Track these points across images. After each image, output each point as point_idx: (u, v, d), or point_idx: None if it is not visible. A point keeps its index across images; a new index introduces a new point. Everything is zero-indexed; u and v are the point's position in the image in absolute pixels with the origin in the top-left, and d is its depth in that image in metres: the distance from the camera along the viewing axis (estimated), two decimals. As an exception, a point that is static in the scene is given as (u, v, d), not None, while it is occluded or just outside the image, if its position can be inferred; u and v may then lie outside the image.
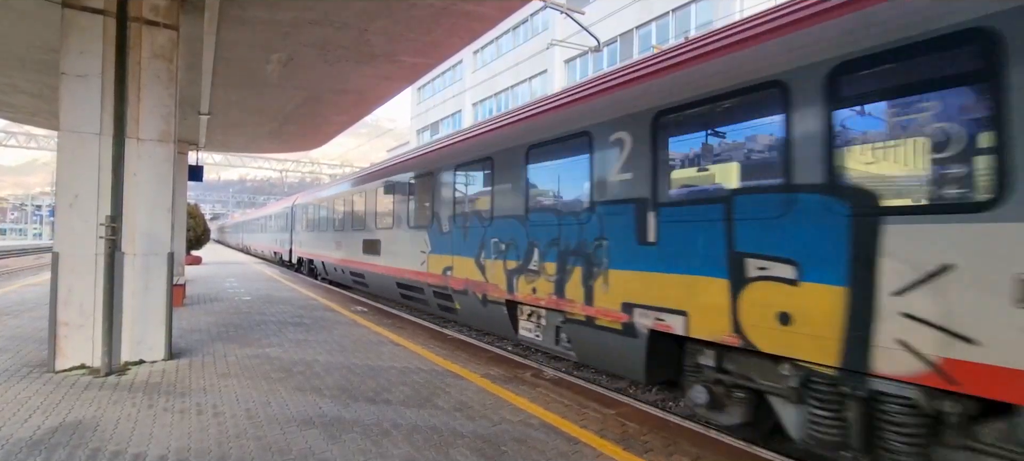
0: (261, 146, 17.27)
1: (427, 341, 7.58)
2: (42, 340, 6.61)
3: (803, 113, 3.74)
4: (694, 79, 4.61)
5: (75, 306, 5.41)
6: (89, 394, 4.73)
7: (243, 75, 8.97)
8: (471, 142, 8.11)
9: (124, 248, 5.62)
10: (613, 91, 5.51)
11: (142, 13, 5.72)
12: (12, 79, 9.28)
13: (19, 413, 4.19)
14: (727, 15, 20.82)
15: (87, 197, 5.44)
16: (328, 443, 3.76)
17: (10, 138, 33.45)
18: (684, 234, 4.53)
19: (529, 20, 34.12)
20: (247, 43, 7.56)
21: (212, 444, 3.69)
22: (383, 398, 4.83)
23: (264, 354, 6.43)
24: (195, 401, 4.61)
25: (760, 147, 4.35)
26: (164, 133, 5.86)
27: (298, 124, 12.81)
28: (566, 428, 4.20)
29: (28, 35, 7.31)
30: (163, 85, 5.85)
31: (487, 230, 7.35)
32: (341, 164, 52.14)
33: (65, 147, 5.40)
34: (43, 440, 3.68)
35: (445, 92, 45.01)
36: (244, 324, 8.53)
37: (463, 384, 5.37)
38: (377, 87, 9.67)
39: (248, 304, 10.98)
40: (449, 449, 3.71)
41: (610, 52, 26.88)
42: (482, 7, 6.56)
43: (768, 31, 4.15)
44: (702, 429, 4.28)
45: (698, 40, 5.00)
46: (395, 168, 11.43)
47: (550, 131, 6.26)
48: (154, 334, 5.86)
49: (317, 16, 6.68)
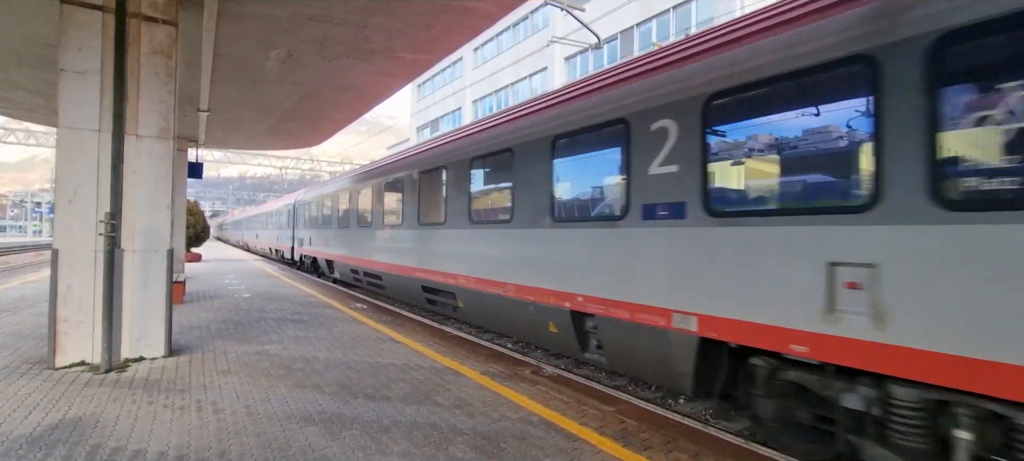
0: (260, 143, 17.25)
1: (426, 338, 7.58)
2: (42, 337, 6.62)
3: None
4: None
5: (74, 303, 5.41)
6: (89, 391, 4.73)
7: (242, 71, 8.95)
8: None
9: (123, 245, 5.61)
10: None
11: (141, 9, 5.70)
12: (11, 75, 9.26)
13: (19, 410, 4.19)
14: (727, 13, 20.78)
15: (86, 194, 5.44)
16: (328, 440, 3.76)
17: (9, 135, 33.42)
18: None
19: (529, 17, 34.07)
20: (246, 39, 7.54)
21: (212, 441, 3.69)
22: (383, 395, 4.83)
23: (264, 351, 6.43)
24: (195, 398, 4.61)
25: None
26: (163, 130, 5.85)
27: (297, 121, 12.79)
28: (565, 425, 4.21)
29: (27, 31, 7.29)
30: (162, 81, 5.83)
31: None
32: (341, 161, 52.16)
33: (64, 144, 5.38)
34: (43, 437, 3.68)
35: (445, 89, 44.96)
36: (244, 321, 8.53)
37: (462, 381, 5.37)
38: (376, 84, 9.65)
39: (248, 301, 10.98)
40: (448, 446, 3.71)
41: (610, 49, 26.84)
42: (482, 3, 6.54)
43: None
44: (701, 426, 4.28)
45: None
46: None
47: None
48: (154, 331, 5.86)
49: (316, 12, 6.66)
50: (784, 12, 4.19)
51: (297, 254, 21.85)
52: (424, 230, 9.67)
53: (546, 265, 6.34)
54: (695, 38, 5.12)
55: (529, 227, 6.67)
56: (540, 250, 6.46)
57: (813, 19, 3.83)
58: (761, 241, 3.99)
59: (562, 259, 6.09)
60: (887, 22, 3.36)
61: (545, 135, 6.46)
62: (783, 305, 3.79)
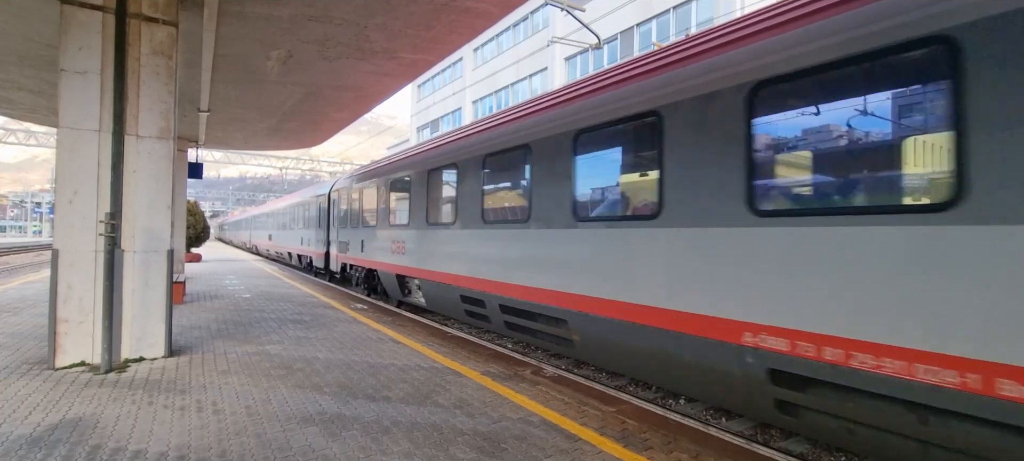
0: (261, 143, 17.25)
1: (427, 338, 7.58)
2: (42, 337, 6.62)
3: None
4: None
5: (75, 303, 5.41)
6: (89, 391, 4.73)
7: (242, 71, 8.95)
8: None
9: (124, 245, 5.61)
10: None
11: (141, 9, 5.70)
12: (11, 75, 9.26)
13: (19, 410, 4.19)
14: (727, 13, 20.78)
15: (87, 194, 5.44)
16: (328, 440, 3.76)
17: (9, 135, 33.46)
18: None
19: (529, 17, 34.09)
20: (246, 39, 7.54)
21: (212, 441, 3.69)
22: (383, 395, 4.83)
23: (264, 351, 6.43)
24: (195, 398, 4.61)
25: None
26: (163, 130, 5.85)
27: (298, 121, 12.79)
28: (566, 425, 4.20)
29: (27, 31, 7.29)
30: (162, 82, 5.83)
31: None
32: (341, 161, 52.18)
33: (64, 144, 5.38)
34: (43, 437, 3.68)
35: (445, 89, 44.97)
36: (244, 321, 8.52)
37: (463, 381, 5.37)
38: (377, 84, 9.65)
39: (248, 301, 10.97)
40: (449, 446, 3.71)
41: (610, 49, 26.85)
42: (482, 3, 6.54)
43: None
44: (702, 426, 4.28)
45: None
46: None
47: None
48: (154, 331, 5.86)
49: (317, 12, 6.66)
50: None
51: (335, 262, 16.34)
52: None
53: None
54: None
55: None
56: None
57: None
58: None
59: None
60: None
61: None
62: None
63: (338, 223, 16.13)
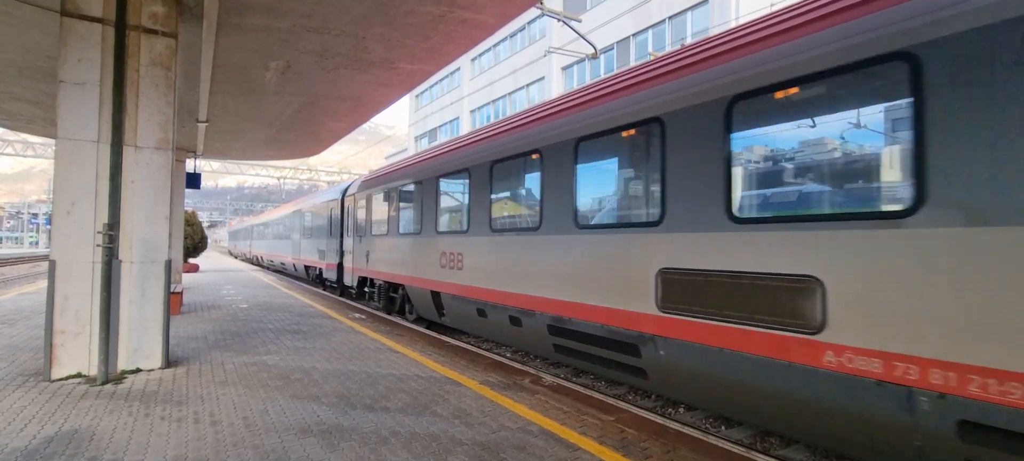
0: (259, 153, 17.29)
1: (425, 348, 7.55)
2: (38, 349, 6.58)
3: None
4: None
5: (71, 314, 5.39)
6: (85, 403, 4.70)
7: (241, 82, 8.99)
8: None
9: (121, 256, 5.60)
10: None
11: (140, 21, 5.73)
12: (10, 87, 9.29)
13: (14, 422, 4.16)
14: (723, 22, 20.96)
15: (84, 205, 5.43)
16: (326, 451, 3.74)
17: (7, 146, 33.43)
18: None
19: (527, 27, 34.34)
20: (245, 50, 7.59)
21: (209, 453, 3.67)
22: (381, 405, 4.80)
23: (262, 362, 6.40)
24: (192, 409, 4.58)
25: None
26: (162, 141, 5.86)
27: (296, 131, 12.83)
28: (565, 435, 4.19)
29: (26, 42, 7.32)
30: (161, 93, 5.85)
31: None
32: (339, 170, 52.18)
33: (62, 154, 5.39)
34: (38, 450, 3.65)
35: (443, 98, 45.16)
36: (242, 332, 8.49)
37: (462, 391, 5.35)
38: (375, 94, 9.70)
39: (245, 311, 10.93)
40: (448, 457, 3.69)
41: (607, 59, 27.04)
42: (480, 14, 6.59)
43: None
44: (701, 434, 4.27)
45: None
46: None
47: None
48: (151, 342, 5.83)
49: (315, 23, 6.71)
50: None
51: (351, 275, 14.40)
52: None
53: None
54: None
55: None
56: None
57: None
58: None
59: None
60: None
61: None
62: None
63: (355, 231, 13.99)
